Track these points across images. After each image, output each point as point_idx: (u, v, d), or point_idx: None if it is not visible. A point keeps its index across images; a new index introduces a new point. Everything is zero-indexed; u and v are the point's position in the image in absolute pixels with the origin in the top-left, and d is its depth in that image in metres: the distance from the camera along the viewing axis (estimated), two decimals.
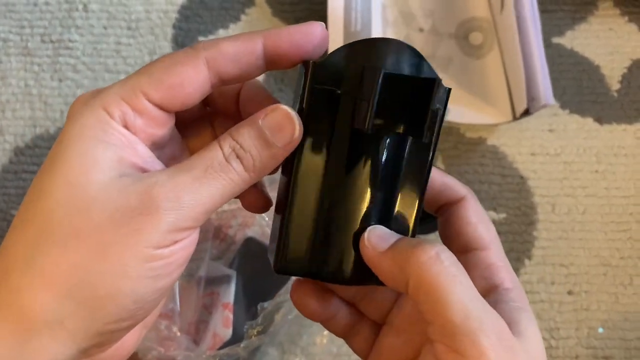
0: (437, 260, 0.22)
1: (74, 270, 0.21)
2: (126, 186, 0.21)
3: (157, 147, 0.24)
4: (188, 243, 0.23)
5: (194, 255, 0.38)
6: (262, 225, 0.48)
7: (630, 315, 0.50)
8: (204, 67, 0.23)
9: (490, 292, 0.25)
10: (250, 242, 0.49)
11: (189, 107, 0.23)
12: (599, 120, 0.54)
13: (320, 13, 0.55)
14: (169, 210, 0.21)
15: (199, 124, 0.28)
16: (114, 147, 0.22)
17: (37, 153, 0.54)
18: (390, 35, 0.54)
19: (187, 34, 0.56)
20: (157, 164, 0.23)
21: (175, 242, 0.22)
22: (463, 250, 0.26)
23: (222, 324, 0.46)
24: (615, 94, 0.54)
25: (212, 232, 0.50)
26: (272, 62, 0.24)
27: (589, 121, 0.54)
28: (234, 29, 0.56)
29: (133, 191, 0.21)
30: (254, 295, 0.46)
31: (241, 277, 0.47)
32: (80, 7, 0.57)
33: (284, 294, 0.44)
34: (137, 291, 0.22)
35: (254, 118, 0.23)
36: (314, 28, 0.23)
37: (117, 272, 0.21)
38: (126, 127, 0.22)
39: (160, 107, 0.23)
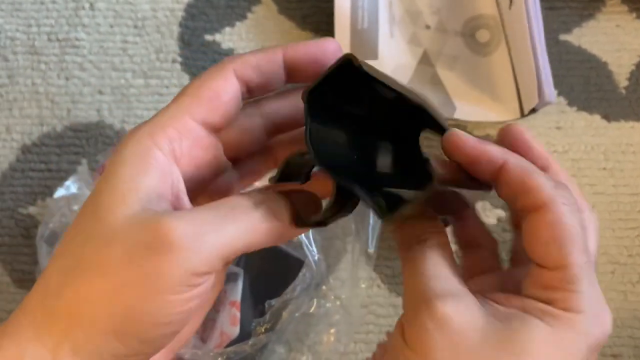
0: (411, 245, 0.24)
1: (88, 304, 0.22)
2: (144, 223, 0.21)
3: (201, 175, 0.25)
4: (203, 290, 0.22)
5: None
6: None
7: (639, 313, 0.50)
8: (233, 77, 0.24)
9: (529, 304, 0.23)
10: None
11: (228, 121, 0.24)
12: (607, 117, 0.54)
13: (326, 11, 0.55)
14: (186, 253, 0.21)
15: (258, 166, 0.28)
16: (146, 181, 0.22)
17: (44, 151, 0.54)
18: (397, 32, 0.54)
19: (193, 32, 0.56)
20: (186, 201, 0.24)
21: (191, 288, 0.22)
22: (531, 261, 0.24)
23: (229, 322, 0.46)
24: (623, 91, 0.54)
25: None
26: (291, 74, 0.25)
27: (597, 118, 0.54)
28: (240, 26, 0.56)
29: (149, 229, 0.21)
30: (261, 294, 0.46)
31: (248, 275, 0.47)
32: (87, 5, 0.57)
33: (291, 291, 0.44)
34: (146, 334, 0.22)
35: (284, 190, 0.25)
36: (329, 44, 0.25)
37: (124, 314, 0.21)
38: (173, 152, 0.23)
39: (204, 124, 0.24)
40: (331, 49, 0.25)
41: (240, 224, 0.22)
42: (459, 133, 0.24)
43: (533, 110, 0.50)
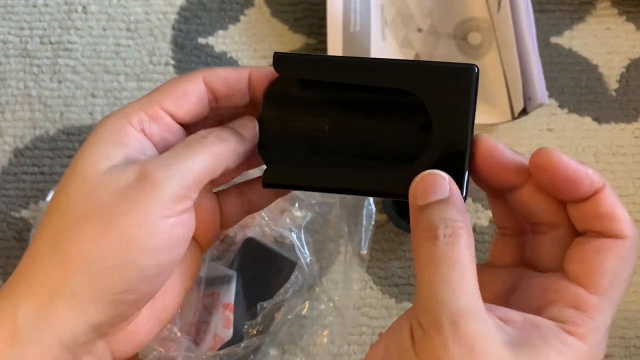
0: (436, 239, 0.22)
1: (86, 246, 0.24)
2: (126, 170, 0.25)
3: None
4: (186, 219, 0.26)
5: None
6: (261, 226, 0.49)
7: (630, 314, 0.50)
8: (201, 83, 0.28)
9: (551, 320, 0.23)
10: (250, 242, 0.49)
11: (194, 119, 0.28)
12: (598, 119, 0.54)
13: (319, 14, 0.55)
14: (162, 180, 0.24)
15: None
16: (123, 146, 0.26)
17: (37, 154, 0.54)
18: (389, 35, 0.54)
19: (186, 35, 0.56)
20: None
21: (174, 213, 0.25)
22: (570, 279, 0.24)
23: (222, 325, 0.46)
24: (614, 94, 0.55)
25: None
26: (255, 91, 0.29)
27: (588, 120, 0.54)
28: (233, 30, 0.56)
29: (131, 171, 0.25)
30: (254, 296, 0.46)
31: (241, 278, 0.47)
32: (80, 8, 0.57)
33: (284, 293, 0.44)
34: (139, 262, 0.24)
35: (226, 124, 0.28)
36: None
37: (120, 244, 0.24)
38: (143, 131, 0.27)
39: (171, 114, 0.27)
40: None
41: (196, 153, 0.26)
42: (556, 152, 0.24)
43: (524, 113, 0.51)
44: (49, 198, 0.52)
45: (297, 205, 0.48)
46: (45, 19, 0.57)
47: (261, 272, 0.48)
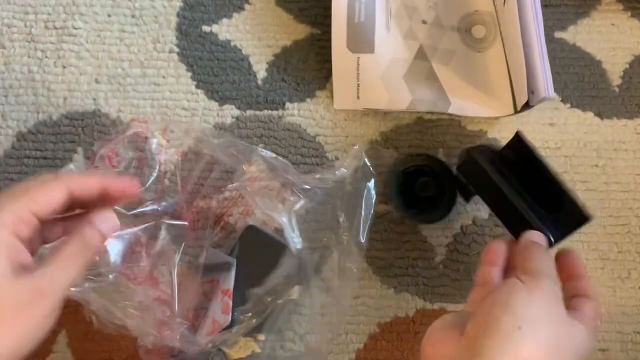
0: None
1: None
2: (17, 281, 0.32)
3: (38, 238, 0.36)
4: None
5: (195, 243, 0.40)
6: (263, 214, 0.49)
7: (628, 309, 0.50)
8: (65, 189, 0.35)
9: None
10: (251, 230, 0.49)
11: (56, 213, 0.36)
12: (600, 115, 0.54)
13: (324, 4, 0.55)
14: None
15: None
16: (5, 251, 0.33)
17: (40, 139, 0.54)
18: (393, 26, 0.54)
19: (191, 22, 0.56)
20: (32, 263, 0.35)
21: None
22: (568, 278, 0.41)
23: (221, 311, 0.46)
24: (617, 89, 0.55)
25: (212, 220, 0.50)
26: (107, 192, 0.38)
27: (590, 116, 0.54)
28: (237, 18, 0.56)
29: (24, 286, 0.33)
30: (253, 283, 0.47)
31: (241, 265, 0.48)
32: None
33: (276, 279, 0.45)
34: None
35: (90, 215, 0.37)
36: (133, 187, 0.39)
37: None
38: (16, 233, 0.33)
39: (37, 216, 0.34)
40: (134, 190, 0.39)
41: (66, 268, 0.35)
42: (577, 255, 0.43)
43: (527, 106, 0.51)
44: None
45: (290, 191, 0.48)
46: (50, 4, 0.57)
47: (261, 259, 0.48)
